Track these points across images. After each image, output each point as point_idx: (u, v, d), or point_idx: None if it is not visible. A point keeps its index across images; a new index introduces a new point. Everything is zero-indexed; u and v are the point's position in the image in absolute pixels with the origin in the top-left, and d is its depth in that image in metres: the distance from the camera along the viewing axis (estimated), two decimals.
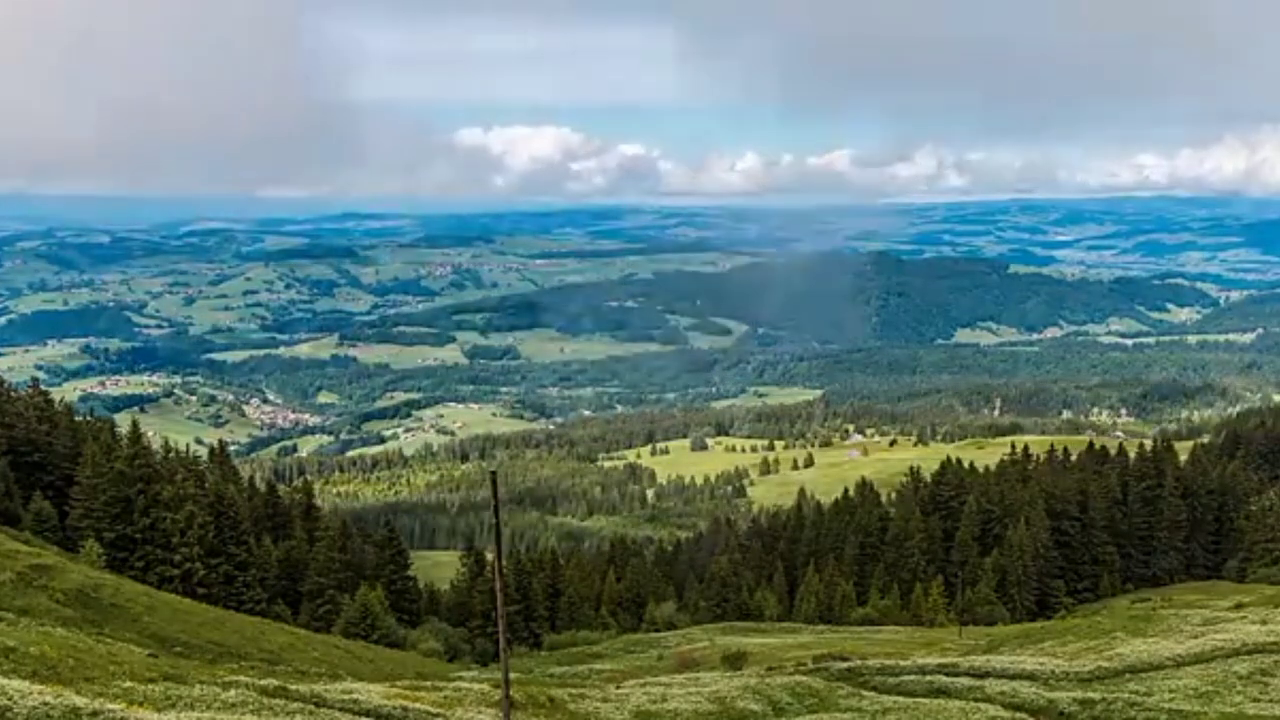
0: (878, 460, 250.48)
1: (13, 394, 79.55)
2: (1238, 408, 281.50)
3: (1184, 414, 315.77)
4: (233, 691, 20.73)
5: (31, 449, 71.47)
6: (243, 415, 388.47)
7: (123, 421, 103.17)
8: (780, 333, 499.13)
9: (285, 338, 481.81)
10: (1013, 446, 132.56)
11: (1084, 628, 47.58)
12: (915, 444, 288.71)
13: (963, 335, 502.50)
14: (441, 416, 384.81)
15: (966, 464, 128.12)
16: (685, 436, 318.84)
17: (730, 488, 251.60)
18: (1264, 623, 39.94)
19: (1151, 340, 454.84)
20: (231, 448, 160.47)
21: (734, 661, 50.12)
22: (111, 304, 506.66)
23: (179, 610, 44.82)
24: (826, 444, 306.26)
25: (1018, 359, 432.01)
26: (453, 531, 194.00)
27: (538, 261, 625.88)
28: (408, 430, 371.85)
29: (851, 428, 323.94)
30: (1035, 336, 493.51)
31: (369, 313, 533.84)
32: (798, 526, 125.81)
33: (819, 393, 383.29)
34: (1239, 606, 51.43)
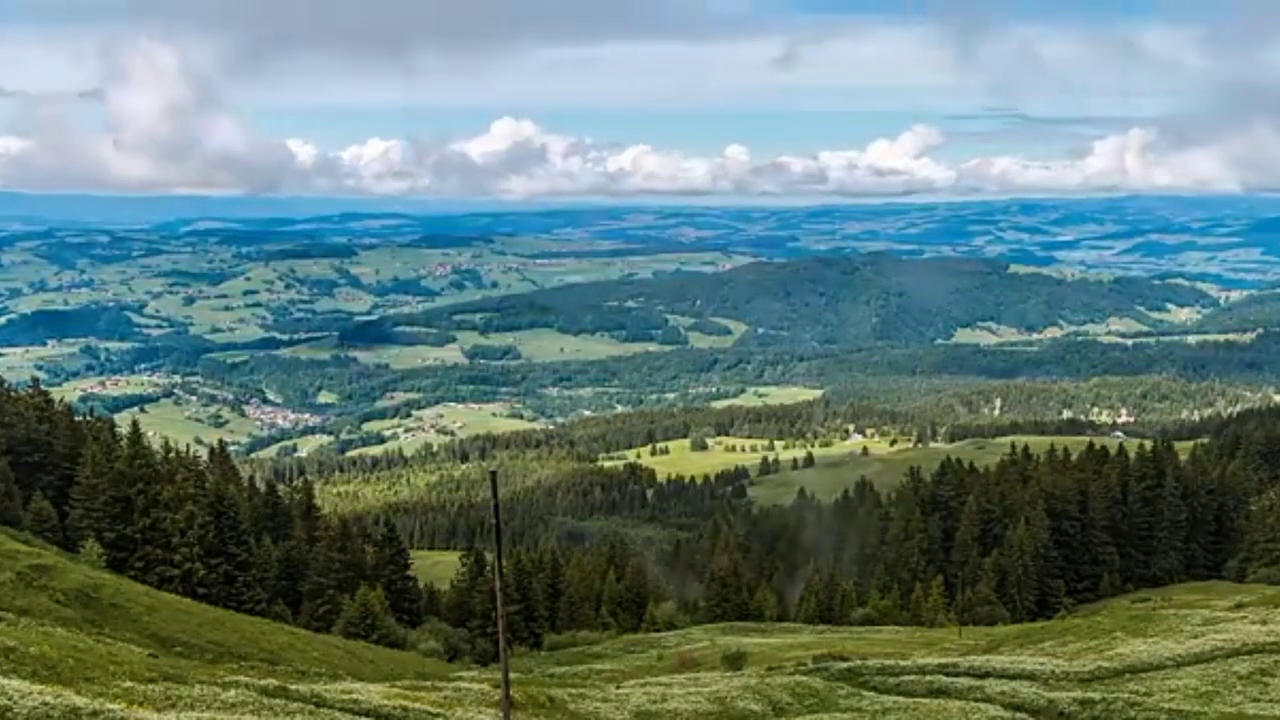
0: (878, 460, 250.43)
1: (13, 394, 79.58)
2: (1238, 408, 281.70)
3: (1184, 414, 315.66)
4: (233, 691, 20.73)
5: (31, 449, 71.48)
6: (243, 415, 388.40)
7: (123, 421, 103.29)
8: (780, 333, 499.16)
9: (285, 338, 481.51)
10: (1013, 446, 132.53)
11: (1084, 628, 47.54)
12: (915, 444, 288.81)
13: (963, 335, 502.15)
14: (441, 416, 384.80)
15: (966, 464, 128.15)
16: (685, 436, 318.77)
17: (730, 488, 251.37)
18: (1264, 623, 39.91)
19: (1151, 340, 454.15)
20: (231, 448, 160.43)
21: (734, 661, 50.10)
22: (111, 304, 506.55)
23: (179, 610, 44.82)
24: (826, 444, 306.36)
25: (1018, 359, 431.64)
26: (453, 531, 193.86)
27: (538, 261, 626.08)
28: (408, 430, 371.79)
29: (851, 428, 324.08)
30: (1035, 336, 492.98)
31: (369, 313, 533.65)
32: (798, 526, 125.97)
33: (819, 393, 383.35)
34: (1239, 606, 51.36)
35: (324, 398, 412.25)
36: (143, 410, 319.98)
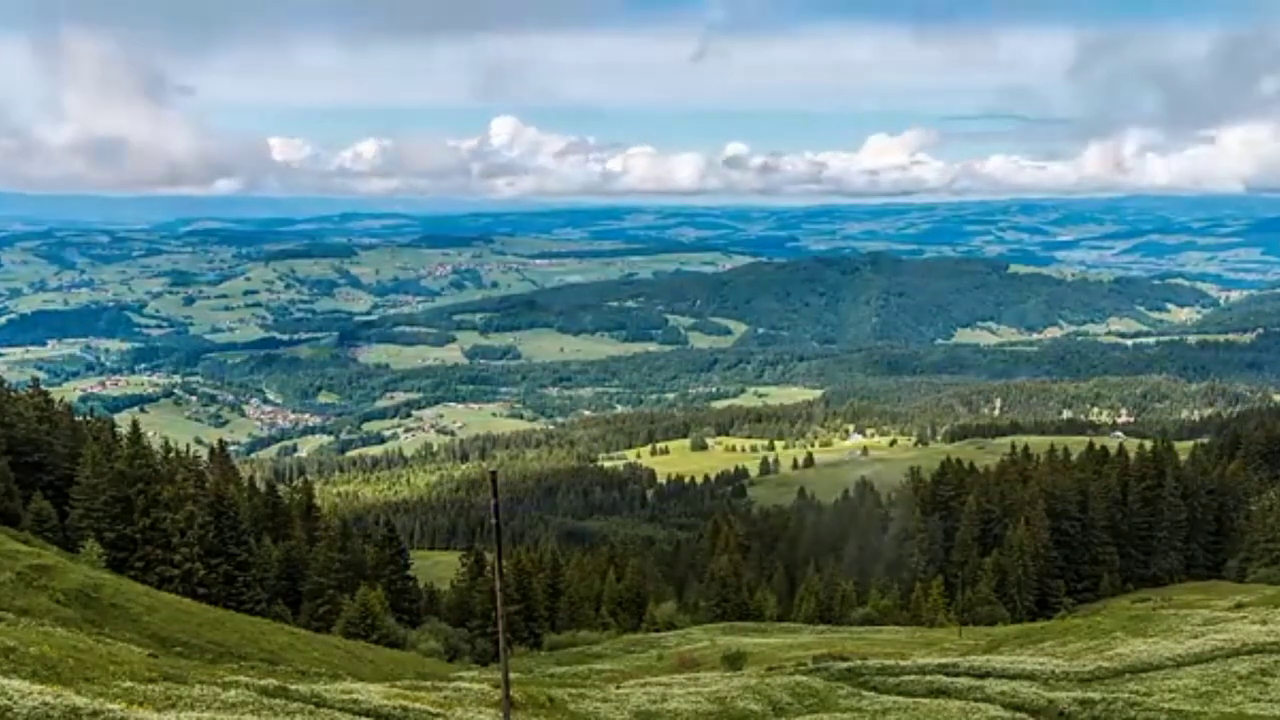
0: (878, 460, 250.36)
1: (13, 394, 79.52)
2: (1238, 408, 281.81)
3: (1184, 414, 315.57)
4: (233, 691, 20.72)
5: (31, 449, 71.39)
6: (243, 415, 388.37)
7: (123, 421, 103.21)
8: (780, 333, 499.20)
9: (285, 338, 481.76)
10: (1013, 446, 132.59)
11: (1084, 628, 47.54)
12: (915, 444, 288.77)
13: (963, 335, 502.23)
14: (441, 416, 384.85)
15: (966, 464, 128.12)
16: (685, 436, 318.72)
17: (730, 488, 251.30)
18: (1264, 623, 39.89)
19: (1151, 340, 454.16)
20: (231, 448, 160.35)
21: (734, 661, 50.08)
22: (111, 304, 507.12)
23: (179, 610, 44.79)
24: (826, 444, 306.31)
25: (1018, 359, 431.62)
26: (453, 531, 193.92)
27: (538, 261, 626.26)
28: (408, 430, 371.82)
29: (851, 428, 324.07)
30: (1035, 336, 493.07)
31: (369, 313, 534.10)
32: (798, 526, 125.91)
33: (819, 393, 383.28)
34: (1239, 606, 51.37)
35: (324, 398, 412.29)
36: (143, 410, 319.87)
